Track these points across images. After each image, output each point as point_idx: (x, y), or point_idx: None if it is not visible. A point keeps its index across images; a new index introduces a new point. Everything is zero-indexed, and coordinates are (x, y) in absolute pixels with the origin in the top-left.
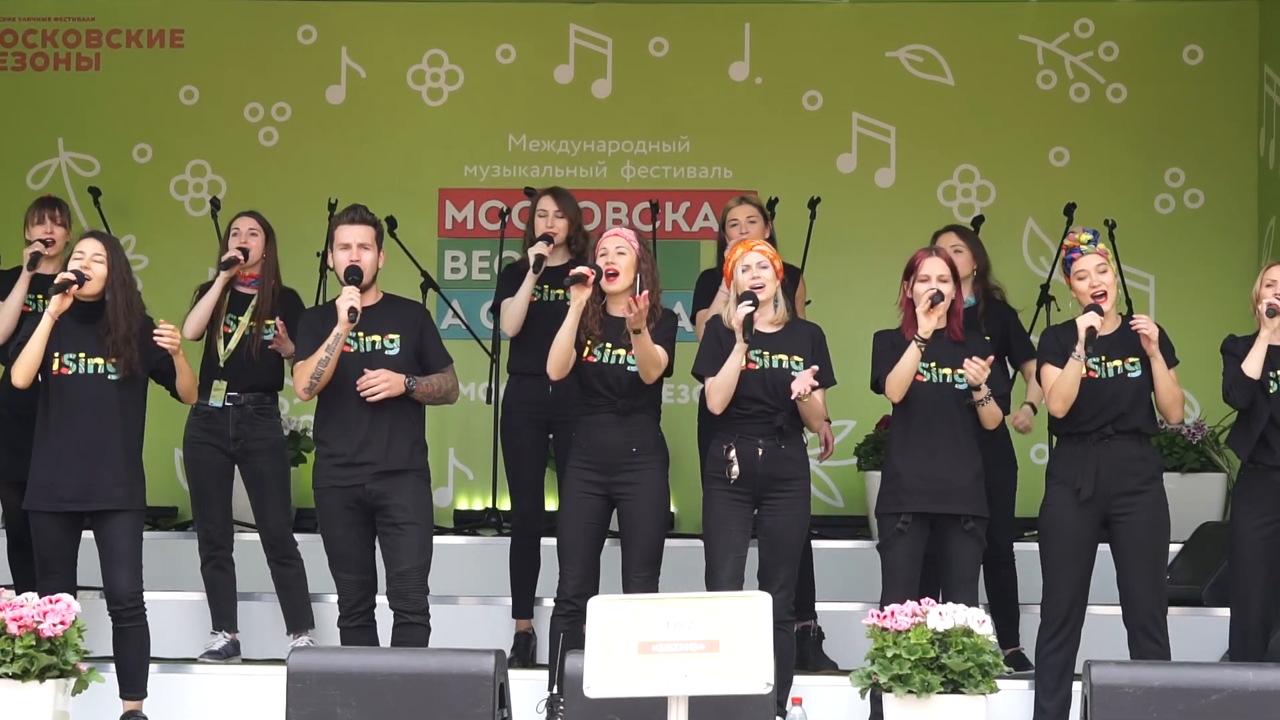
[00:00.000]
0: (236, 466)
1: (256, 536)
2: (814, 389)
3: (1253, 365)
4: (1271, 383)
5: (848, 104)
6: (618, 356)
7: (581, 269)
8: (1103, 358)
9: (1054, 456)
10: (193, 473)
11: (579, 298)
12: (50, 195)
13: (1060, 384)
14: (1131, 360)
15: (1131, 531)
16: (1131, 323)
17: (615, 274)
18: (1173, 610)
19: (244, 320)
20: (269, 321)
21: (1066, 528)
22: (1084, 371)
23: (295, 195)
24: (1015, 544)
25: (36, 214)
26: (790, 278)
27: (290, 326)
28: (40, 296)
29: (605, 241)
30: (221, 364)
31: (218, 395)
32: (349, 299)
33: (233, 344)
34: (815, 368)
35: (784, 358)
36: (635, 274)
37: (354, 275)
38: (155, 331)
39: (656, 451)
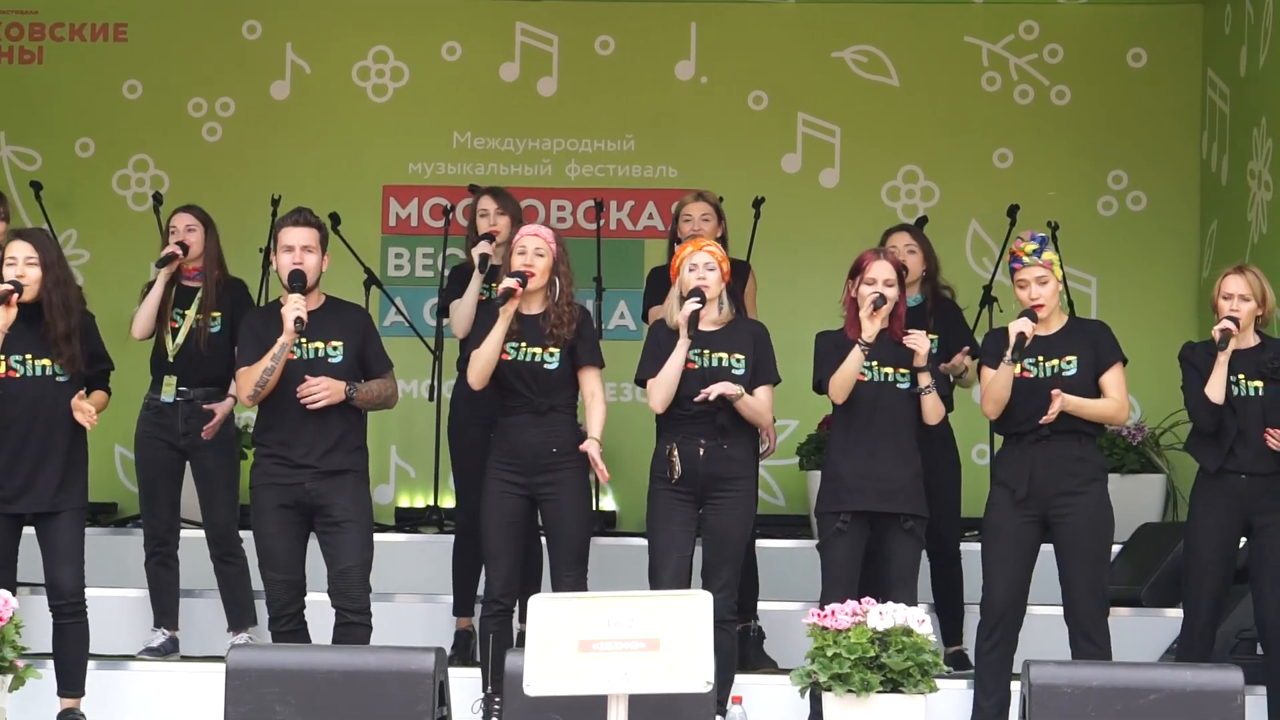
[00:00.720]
0: (188, 462)
1: (200, 534)
2: (735, 396)
3: (1216, 390)
4: (1235, 388)
5: (793, 104)
6: (533, 355)
7: (510, 283)
8: (1040, 357)
9: (996, 458)
10: (142, 468)
11: (510, 309)
12: None
13: (992, 386)
14: (1068, 359)
15: (1071, 532)
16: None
17: (533, 275)
18: (1112, 610)
19: (190, 314)
20: (214, 314)
21: (1005, 528)
22: (1018, 373)
23: (239, 191)
24: (962, 544)
25: None
26: (740, 273)
27: (237, 316)
28: None
29: (524, 240)
30: (171, 359)
31: (169, 390)
32: (295, 308)
33: (180, 339)
34: (731, 388)
35: (724, 356)
36: (551, 275)
37: (297, 280)
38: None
39: (575, 450)
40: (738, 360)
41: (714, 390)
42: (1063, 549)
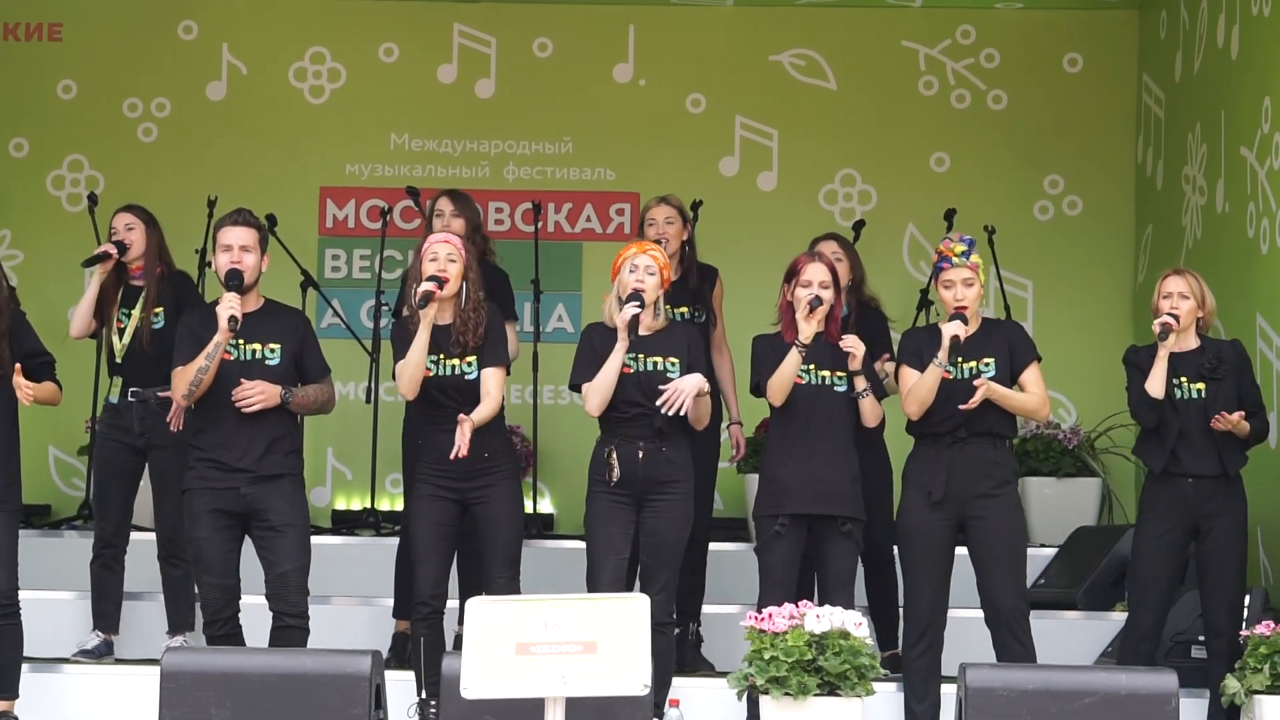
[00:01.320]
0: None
1: (148, 536)
2: (704, 391)
3: (1156, 385)
4: (1177, 390)
5: (731, 107)
6: (452, 367)
7: (429, 287)
8: (958, 359)
9: (909, 459)
10: (96, 469)
11: (431, 314)
12: None
13: (918, 388)
14: (986, 361)
15: (986, 534)
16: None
17: (447, 281)
18: (1047, 614)
19: (135, 314)
20: (157, 309)
21: (921, 531)
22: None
23: (175, 192)
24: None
25: None
26: (708, 277)
27: (183, 308)
28: None
29: (435, 247)
30: (118, 359)
31: (115, 391)
32: (229, 307)
33: (126, 338)
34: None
35: (659, 360)
36: (462, 281)
37: (234, 279)
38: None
39: (508, 454)
40: (672, 364)
41: (680, 395)
42: (979, 551)
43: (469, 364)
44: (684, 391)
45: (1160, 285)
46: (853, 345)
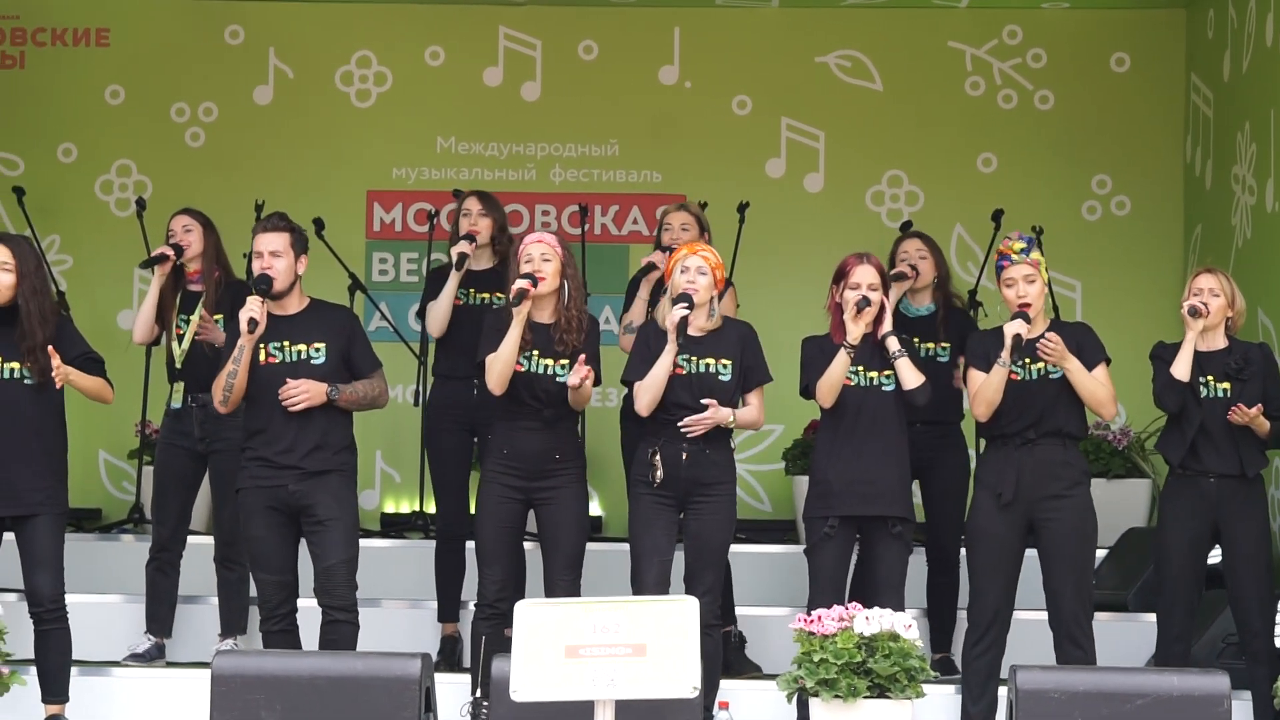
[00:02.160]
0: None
1: (204, 540)
2: (728, 423)
3: (1181, 368)
4: (1202, 388)
5: (777, 108)
6: (545, 366)
7: (523, 284)
8: (1027, 361)
9: (980, 461)
10: (157, 473)
11: (524, 311)
12: None
13: (984, 389)
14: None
15: (1055, 536)
16: (1040, 346)
17: (543, 278)
18: (1099, 615)
19: (194, 319)
20: (217, 316)
21: (990, 533)
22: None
23: (222, 196)
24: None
25: None
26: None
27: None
28: None
29: (530, 248)
30: (178, 365)
31: (176, 397)
32: (249, 310)
33: (185, 344)
34: (722, 416)
35: (711, 361)
36: (561, 279)
37: (262, 284)
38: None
39: (577, 457)
40: (724, 366)
41: (703, 424)
42: (1047, 553)
43: (562, 367)
44: (706, 424)
45: (1191, 282)
46: (867, 316)
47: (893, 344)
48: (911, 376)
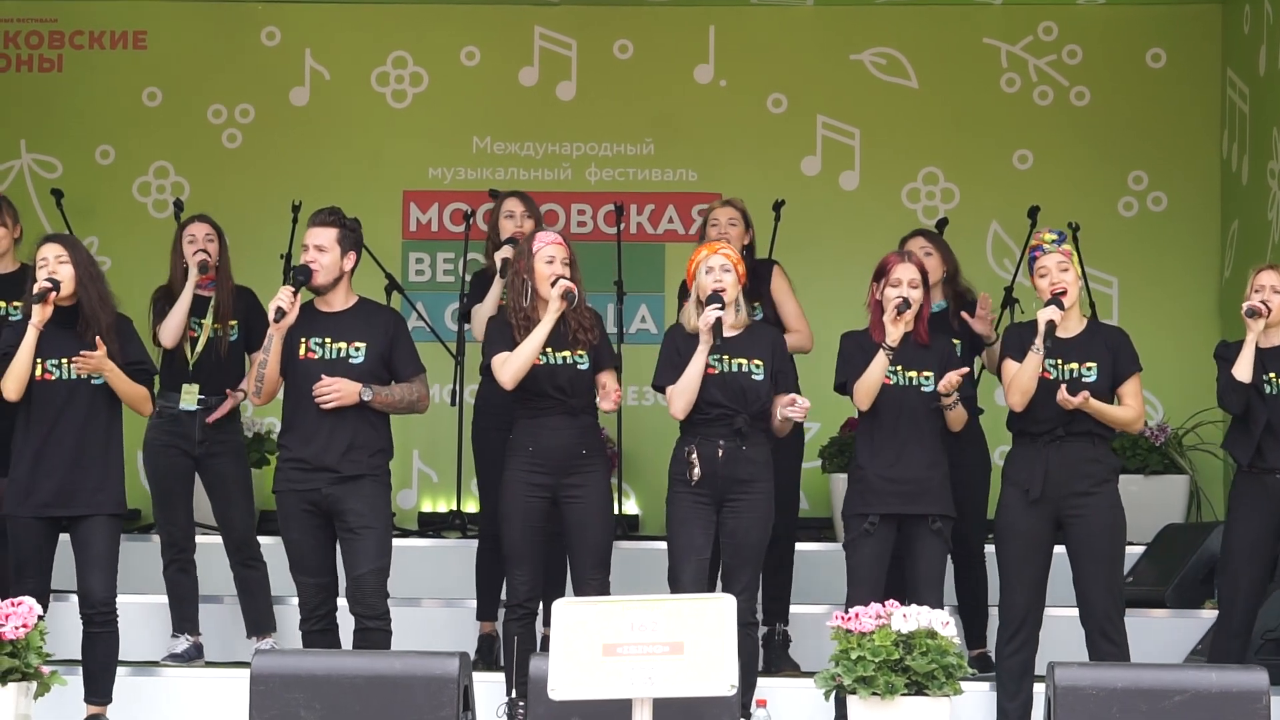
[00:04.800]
0: (197, 470)
1: (217, 539)
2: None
3: (1243, 369)
4: (1267, 385)
5: (812, 106)
6: (564, 358)
7: (568, 285)
8: (1059, 360)
9: (1009, 458)
10: (155, 476)
11: (562, 310)
12: None
13: (1019, 377)
14: (1088, 365)
15: (1084, 533)
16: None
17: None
18: (1136, 612)
19: (207, 323)
20: (232, 322)
21: (1019, 529)
22: (1042, 368)
23: (259, 197)
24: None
25: None
26: (762, 273)
27: (253, 323)
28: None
29: (548, 249)
30: (191, 367)
31: (189, 399)
32: (278, 299)
33: (200, 347)
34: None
35: (743, 361)
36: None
37: (300, 275)
38: (79, 358)
39: (602, 453)
40: (757, 366)
41: (804, 410)
42: (1077, 550)
43: (580, 356)
44: (801, 413)
45: (1253, 279)
46: (949, 385)
47: (950, 399)
48: (957, 423)
